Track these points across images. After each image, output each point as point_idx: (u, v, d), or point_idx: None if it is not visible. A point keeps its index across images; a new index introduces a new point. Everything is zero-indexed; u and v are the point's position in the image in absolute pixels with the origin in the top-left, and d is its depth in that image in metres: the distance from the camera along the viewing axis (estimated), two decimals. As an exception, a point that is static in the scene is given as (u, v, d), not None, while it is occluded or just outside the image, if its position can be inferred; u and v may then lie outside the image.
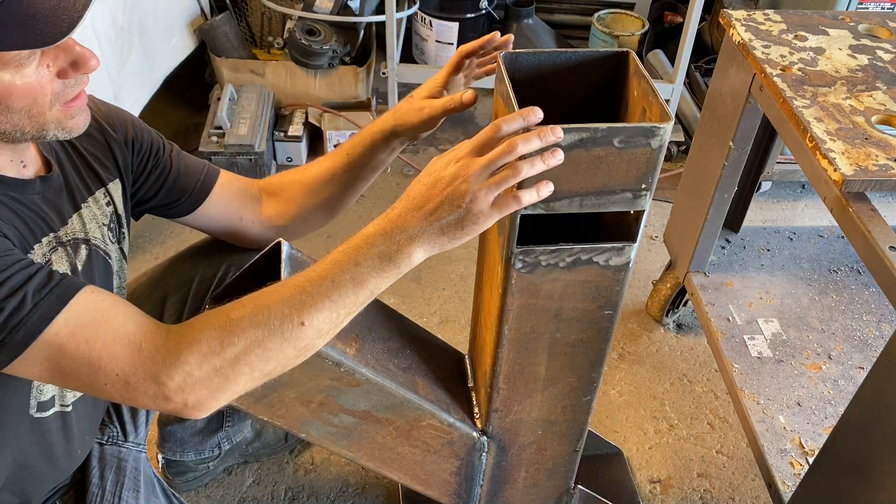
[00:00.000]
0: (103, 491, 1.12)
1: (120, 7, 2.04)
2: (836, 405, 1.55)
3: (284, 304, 0.81)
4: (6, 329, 0.75)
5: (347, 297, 0.83)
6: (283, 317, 0.80)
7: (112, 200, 1.04)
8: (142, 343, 0.79)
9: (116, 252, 1.06)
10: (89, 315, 0.79)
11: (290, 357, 0.83)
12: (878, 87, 1.33)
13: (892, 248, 1.08)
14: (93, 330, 0.78)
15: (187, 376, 0.78)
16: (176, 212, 1.13)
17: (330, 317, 0.83)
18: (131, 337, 0.79)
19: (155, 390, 0.78)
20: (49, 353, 0.77)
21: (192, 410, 0.81)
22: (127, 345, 0.79)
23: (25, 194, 0.89)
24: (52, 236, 0.92)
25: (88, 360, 0.78)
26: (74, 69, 0.82)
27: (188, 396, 0.79)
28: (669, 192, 2.40)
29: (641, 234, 0.96)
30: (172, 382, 0.78)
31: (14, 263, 0.77)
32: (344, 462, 1.66)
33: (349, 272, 0.83)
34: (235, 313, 0.81)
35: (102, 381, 0.79)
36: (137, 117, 1.10)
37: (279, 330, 0.80)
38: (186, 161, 1.12)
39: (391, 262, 0.83)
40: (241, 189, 1.16)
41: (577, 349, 1.09)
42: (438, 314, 2.05)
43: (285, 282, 0.84)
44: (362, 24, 2.58)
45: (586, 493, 1.42)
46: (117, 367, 0.78)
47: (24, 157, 0.91)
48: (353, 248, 0.84)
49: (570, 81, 0.98)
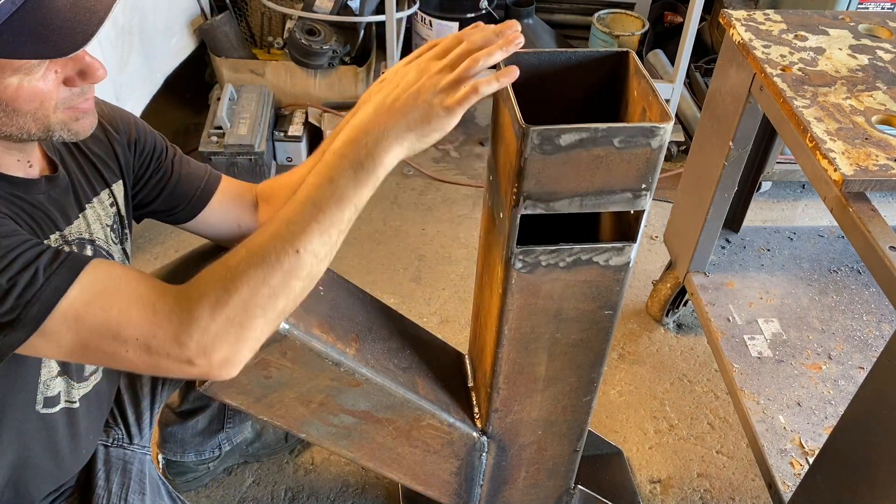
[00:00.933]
0: (109, 493, 1.12)
1: (120, 7, 2.03)
2: (836, 405, 1.55)
3: (275, 238, 0.81)
4: (21, 305, 0.75)
5: (333, 215, 0.82)
6: (277, 251, 0.80)
7: (116, 201, 1.05)
8: (156, 304, 0.79)
9: (119, 253, 1.07)
10: (102, 283, 0.79)
11: (297, 289, 0.83)
12: (879, 87, 1.33)
13: (892, 248, 1.08)
14: (108, 297, 0.78)
15: (204, 332, 0.78)
16: (175, 218, 1.13)
17: (322, 239, 0.82)
18: (145, 300, 0.79)
19: (178, 352, 0.78)
20: (68, 325, 0.77)
21: (221, 369, 0.81)
22: (142, 307, 0.79)
23: (31, 194, 0.90)
24: (58, 234, 0.93)
25: (107, 327, 0.78)
26: (82, 78, 0.83)
27: (211, 355, 0.79)
28: (669, 192, 2.40)
29: (641, 234, 0.96)
30: (192, 342, 0.78)
31: (23, 242, 0.78)
32: (344, 462, 1.66)
33: (328, 189, 0.82)
34: (232, 260, 0.81)
35: (124, 349, 0.79)
36: (141, 119, 1.11)
37: (277, 264, 0.80)
38: (188, 167, 1.12)
39: (363, 168, 0.82)
40: (239, 196, 1.16)
41: (577, 349, 1.09)
42: (438, 314, 2.05)
43: (271, 219, 0.84)
44: (362, 24, 2.58)
45: (586, 493, 1.42)
46: (136, 332, 0.78)
47: (31, 157, 0.91)
48: (325, 165, 0.83)
49: (570, 81, 0.98)
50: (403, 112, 0.82)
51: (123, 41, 2.08)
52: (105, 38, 1.95)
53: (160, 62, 2.33)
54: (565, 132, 0.83)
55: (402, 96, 0.82)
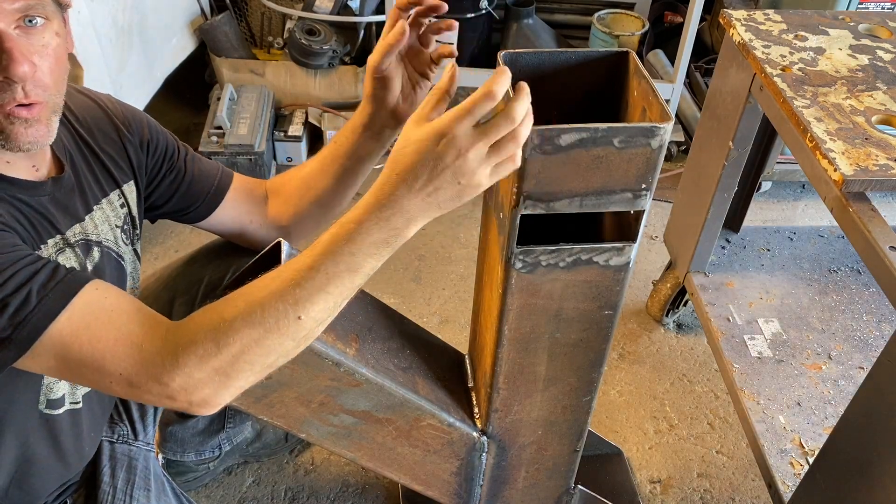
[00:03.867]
0: (115, 489, 1.12)
1: (120, 7, 2.04)
2: (836, 405, 1.55)
3: (279, 300, 0.79)
4: (12, 325, 0.75)
5: (344, 285, 0.81)
6: (278, 314, 0.79)
7: (126, 202, 1.04)
8: (143, 344, 0.79)
9: (130, 254, 1.06)
10: (93, 313, 0.78)
11: (290, 348, 0.82)
12: (879, 87, 1.33)
13: (892, 248, 1.08)
14: (96, 329, 0.78)
15: (188, 378, 0.78)
16: (189, 218, 1.13)
17: (327, 307, 0.81)
18: (133, 337, 0.79)
19: (159, 390, 0.78)
20: (55, 350, 0.77)
21: (199, 408, 0.81)
22: (129, 345, 0.78)
23: (34, 196, 0.89)
24: (58, 238, 0.92)
25: (92, 359, 0.78)
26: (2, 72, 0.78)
27: (192, 396, 0.79)
28: (669, 192, 2.40)
29: (641, 234, 0.96)
30: (174, 383, 0.78)
31: (20, 259, 0.77)
32: (344, 462, 1.66)
33: (344, 262, 0.79)
34: (228, 312, 0.79)
35: (108, 380, 0.79)
36: (154, 119, 1.10)
37: (275, 327, 0.79)
38: (200, 166, 1.12)
39: (388, 245, 0.81)
40: (250, 192, 1.16)
41: (577, 349, 1.09)
42: (438, 314, 2.05)
43: (276, 274, 0.81)
44: (362, 24, 2.58)
45: (586, 493, 1.42)
46: (120, 367, 0.78)
47: (36, 160, 0.90)
48: (348, 236, 0.79)
49: (570, 81, 0.98)
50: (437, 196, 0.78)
51: (123, 41, 2.08)
52: (105, 38, 1.95)
53: (160, 62, 2.33)
54: (565, 132, 0.83)
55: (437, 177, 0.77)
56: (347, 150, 1.10)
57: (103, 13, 1.95)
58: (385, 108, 1.05)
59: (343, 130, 1.11)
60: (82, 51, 1.74)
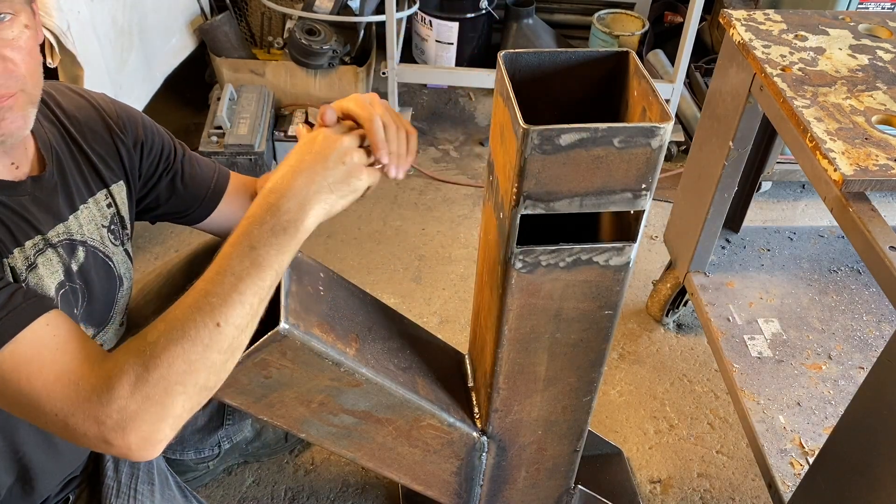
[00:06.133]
0: (118, 484, 1.12)
1: (120, 7, 2.04)
2: (836, 405, 1.55)
3: (194, 311, 0.79)
4: None
5: (254, 284, 0.80)
6: (196, 324, 0.78)
7: (114, 202, 1.03)
8: (80, 382, 0.77)
9: (121, 254, 1.06)
10: (37, 350, 0.77)
11: (219, 362, 0.81)
12: (879, 87, 1.33)
13: (892, 248, 1.08)
14: (37, 367, 0.76)
15: (122, 410, 0.76)
16: (188, 220, 1.13)
17: (243, 310, 0.80)
18: (72, 375, 0.77)
19: (95, 431, 0.76)
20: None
21: (140, 450, 0.78)
22: (66, 384, 0.77)
23: (12, 196, 0.88)
24: (38, 238, 0.90)
25: (28, 397, 0.76)
26: None
27: (129, 434, 0.76)
28: (669, 192, 2.40)
29: (641, 234, 0.96)
30: (110, 420, 0.75)
31: None
32: (344, 462, 1.66)
33: (247, 258, 0.80)
34: (151, 335, 0.79)
35: (44, 419, 0.77)
36: (149, 117, 1.09)
37: (196, 338, 0.78)
38: (197, 167, 1.11)
39: (286, 233, 0.81)
40: (247, 191, 1.16)
41: (577, 349, 1.09)
42: (438, 314, 2.05)
43: (189, 290, 0.81)
44: (362, 24, 2.58)
45: (586, 493, 1.42)
46: (56, 407, 0.76)
47: (15, 157, 0.89)
48: (243, 233, 0.81)
49: (570, 81, 0.98)
50: (325, 175, 0.82)
51: (123, 40, 2.08)
52: (105, 38, 1.95)
53: (160, 62, 2.33)
54: (565, 132, 0.83)
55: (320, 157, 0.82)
56: None
57: (103, 13, 1.95)
58: None
59: None
60: (82, 50, 1.74)
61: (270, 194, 0.82)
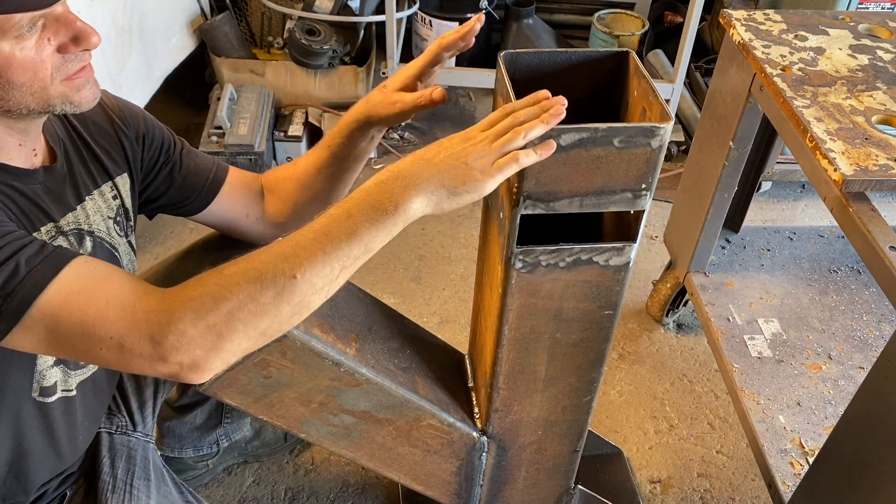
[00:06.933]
0: (114, 479, 1.12)
1: (120, 7, 2.04)
2: (836, 405, 1.55)
3: (277, 257, 0.80)
4: (1, 297, 0.75)
5: (341, 250, 0.81)
6: (276, 270, 0.79)
7: (119, 194, 1.05)
8: (136, 304, 0.79)
9: (125, 246, 1.07)
10: (82, 282, 0.78)
11: (286, 314, 0.82)
12: (879, 87, 1.33)
13: (892, 248, 1.08)
14: (86, 296, 0.78)
15: (181, 335, 0.77)
16: (185, 211, 1.13)
17: (323, 271, 0.81)
18: (125, 299, 0.79)
19: (150, 351, 0.78)
20: (45, 322, 0.77)
21: (189, 372, 0.80)
22: (120, 307, 0.78)
23: (27, 184, 0.89)
24: (51, 225, 0.92)
25: (82, 326, 0.78)
26: (75, 44, 0.82)
27: (183, 356, 0.78)
28: (669, 192, 2.40)
29: (641, 234, 0.96)
30: (167, 342, 0.77)
31: (7, 234, 0.77)
32: (344, 462, 1.66)
33: (343, 224, 0.81)
34: (228, 270, 0.80)
35: (97, 347, 0.79)
36: (149, 113, 1.11)
37: (272, 283, 0.79)
38: (196, 160, 1.12)
39: (385, 211, 0.82)
40: (247, 185, 1.16)
41: (577, 349, 1.09)
42: (438, 314, 2.05)
43: (282, 238, 0.83)
44: (362, 24, 2.58)
45: (586, 493, 1.42)
46: (112, 331, 0.78)
47: (38, 146, 0.91)
48: (349, 199, 0.83)
49: (570, 81, 0.98)
50: (441, 168, 0.82)
51: (123, 41, 2.08)
52: (105, 38, 1.95)
53: (160, 62, 2.33)
54: (565, 132, 0.83)
55: (442, 154, 0.84)
56: (344, 152, 1.11)
57: (103, 13, 1.95)
58: (384, 118, 1.06)
59: (334, 133, 1.12)
60: (82, 51, 1.74)
61: (386, 172, 0.84)
